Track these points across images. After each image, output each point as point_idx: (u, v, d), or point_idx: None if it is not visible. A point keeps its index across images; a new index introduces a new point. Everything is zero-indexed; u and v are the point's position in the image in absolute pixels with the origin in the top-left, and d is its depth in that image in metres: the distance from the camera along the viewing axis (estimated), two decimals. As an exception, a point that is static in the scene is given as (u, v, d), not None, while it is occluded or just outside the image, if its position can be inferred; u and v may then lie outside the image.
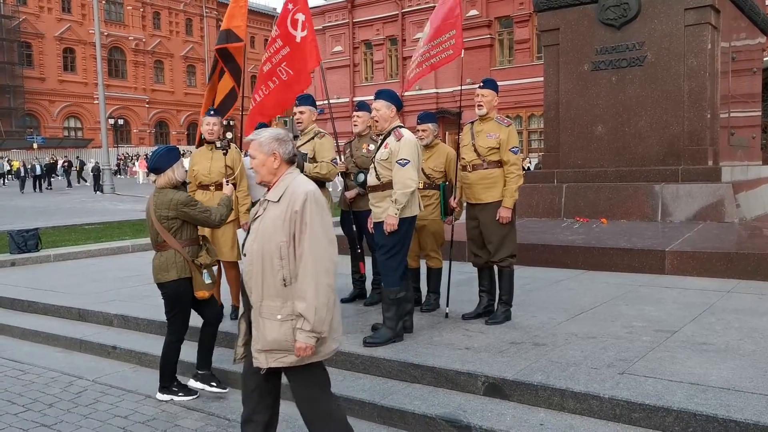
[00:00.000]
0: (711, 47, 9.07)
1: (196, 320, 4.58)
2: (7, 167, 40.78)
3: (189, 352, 4.70)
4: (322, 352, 2.92)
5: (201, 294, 4.35)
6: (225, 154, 5.47)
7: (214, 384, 4.48)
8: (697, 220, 8.60)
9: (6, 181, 39.64)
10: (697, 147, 9.09)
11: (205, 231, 5.52)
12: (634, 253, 7.17)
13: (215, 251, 4.59)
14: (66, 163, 39.53)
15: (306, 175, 5.02)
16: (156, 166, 4.21)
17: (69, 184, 36.97)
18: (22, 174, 33.41)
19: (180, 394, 4.48)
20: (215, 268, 4.71)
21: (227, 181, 5.04)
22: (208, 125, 5.59)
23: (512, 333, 4.81)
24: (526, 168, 24.29)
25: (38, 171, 34.35)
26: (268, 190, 2.98)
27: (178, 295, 4.32)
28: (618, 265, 7.20)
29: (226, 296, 5.88)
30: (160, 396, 4.49)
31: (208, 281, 4.40)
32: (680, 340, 4.47)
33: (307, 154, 5.11)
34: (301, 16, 6.11)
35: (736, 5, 10.13)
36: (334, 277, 2.88)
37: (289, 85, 6.27)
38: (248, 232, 3.00)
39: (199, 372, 4.53)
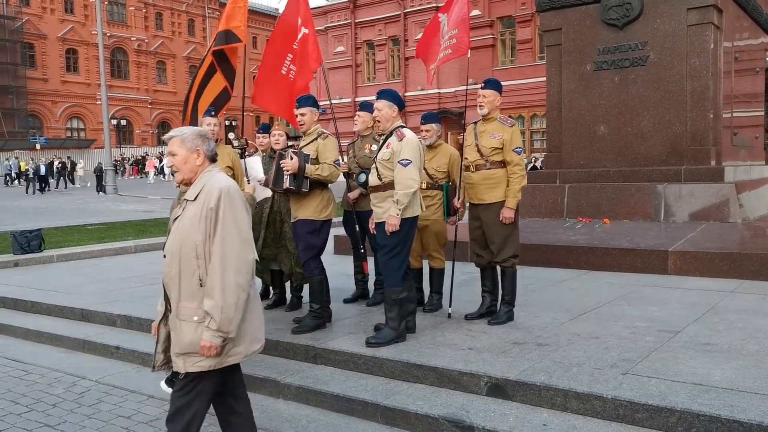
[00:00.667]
0: (714, 47, 9.06)
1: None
2: (17, 167, 40.70)
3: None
4: (240, 353, 2.88)
5: None
6: (242, 155, 5.44)
7: None
8: (700, 220, 8.58)
9: (20, 181, 39.47)
10: (700, 147, 9.07)
11: None
12: (636, 253, 7.16)
13: None
14: (60, 165, 38.86)
15: (307, 177, 5.05)
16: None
17: (57, 186, 36.20)
18: (30, 175, 33.01)
19: None
20: None
21: (248, 180, 4.99)
22: (209, 126, 5.58)
23: (515, 333, 4.81)
24: (538, 167, 24.24)
25: (42, 171, 34.04)
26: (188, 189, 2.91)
27: None
28: (621, 265, 7.19)
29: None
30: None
31: None
32: (683, 341, 4.47)
33: (309, 155, 5.11)
34: (298, 19, 6.16)
35: (738, 5, 10.12)
36: (247, 276, 2.81)
37: (293, 84, 6.27)
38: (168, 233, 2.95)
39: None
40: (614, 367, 3.93)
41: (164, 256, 2.89)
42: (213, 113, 5.71)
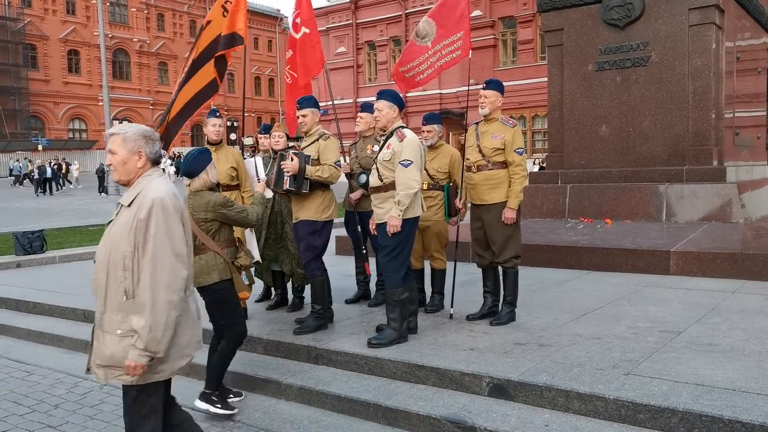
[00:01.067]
0: (715, 47, 9.05)
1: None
2: (26, 168, 40.52)
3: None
4: (165, 370, 2.76)
5: (244, 295, 4.26)
6: (252, 155, 5.41)
7: (220, 405, 4.23)
8: (702, 220, 8.58)
9: (28, 182, 39.23)
10: (702, 147, 9.07)
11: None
12: (638, 254, 7.16)
13: (251, 252, 4.47)
14: (56, 166, 37.81)
15: (308, 178, 5.05)
16: (190, 170, 4.10)
17: (50, 188, 34.77)
18: (36, 176, 32.50)
19: (218, 405, 4.23)
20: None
21: (259, 179, 4.99)
22: (214, 126, 5.60)
23: (517, 334, 4.81)
24: (542, 167, 24.17)
25: (49, 173, 33.54)
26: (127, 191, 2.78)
27: (225, 297, 4.17)
28: (622, 265, 7.18)
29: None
30: (198, 403, 4.22)
31: (246, 282, 4.31)
32: (685, 341, 4.46)
33: (310, 156, 5.11)
34: (298, 19, 6.16)
35: (740, 5, 10.11)
36: (180, 293, 2.69)
37: (295, 87, 6.29)
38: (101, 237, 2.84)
39: (206, 391, 4.27)
40: (616, 368, 3.92)
41: (94, 261, 2.78)
42: (218, 114, 5.71)
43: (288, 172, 5.02)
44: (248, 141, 5.59)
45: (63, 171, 38.14)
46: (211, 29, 5.97)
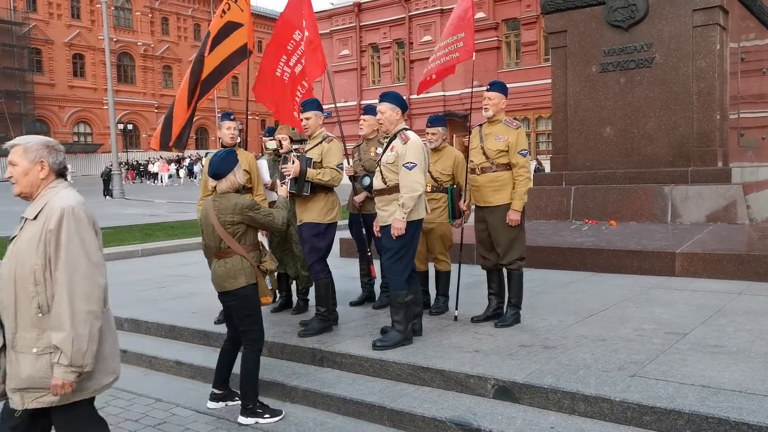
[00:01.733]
0: (720, 48, 9.03)
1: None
2: None
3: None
4: (89, 388, 2.63)
5: (266, 300, 4.20)
6: (277, 160, 5.36)
7: (268, 415, 4.13)
8: (707, 221, 8.55)
9: None
10: (707, 148, 9.04)
11: None
12: (643, 255, 7.14)
13: (273, 256, 4.39)
14: None
15: (308, 181, 5.06)
16: (218, 171, 4.03)
17: None
18: None
19: (266, 415, 4.12)
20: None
21: (282, 183, 4.99)
22: (229, 129, 5.57)
23: (522, 336, 4.80)
24: (538, 168, 24.19)
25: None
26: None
27: (250, 302, 4.09)
28: (628, 267, 7.17)
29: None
30: (242, 419, 4.11)
31: (269, 287, 4.26)
32: (691, 343, 4.45)
33: (312, 158, 5.12)
34: (297, 22, 6.15)
35: (744, 6, 10.09)
36: (99, 303, 2.58)
37: (282, 85, 6.27)
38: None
39: (248, 406, 4.13)
40: (622, 370, 3.91)
41: None
42: (232, 117, 5.69)
43: (289, 175, 5.04)
44: (272, 145, 5.56)
45: None
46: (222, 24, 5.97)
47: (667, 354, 4.20)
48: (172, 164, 45.60)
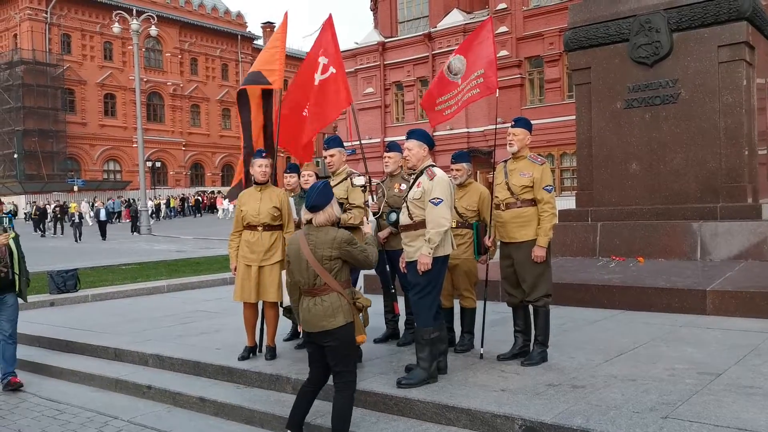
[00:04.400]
0: (746, 83, 8.97)
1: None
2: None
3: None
4: None
5: (361, 338, 4.09)
6: (364, 190, 5.39)
7: None
8: (738, 258, 8.38)
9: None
10: (736, 184, 8.92)
11: (252, 270, 5.54)
12: (673, 293, 7.00)
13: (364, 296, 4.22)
14: (57, 209, 34.72)
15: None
16: (316, 203, 3.88)
17: (54, 232, 32.89)
18: (77, 220, 28.43)
19: None
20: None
21: (368, 220, 4.98)
22: (261, 167, 5.65)
23: (549, 374, 4.71)
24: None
25: (103, 216, 30.17)
26: None
27: (350, 341, 3.92)
28: (657, 304, 7.03)
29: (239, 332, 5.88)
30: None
31: (363, 324, 4.14)
32: (725, 383, 4.32)
33: (342, 203, 5.16)
34: (323, 60, 6.15)
35: (770, 41, 10.04)
36: None
37: (304, 123, 6.35)
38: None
39: None
40: (654, 411, 3.81)
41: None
42: (264, 154, 5.77)
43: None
44: (360, 181, 5.51)
45: (58, 213, 34.59)
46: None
47: (701, 395, 4.09)
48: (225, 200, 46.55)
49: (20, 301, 6.37)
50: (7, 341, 6.19)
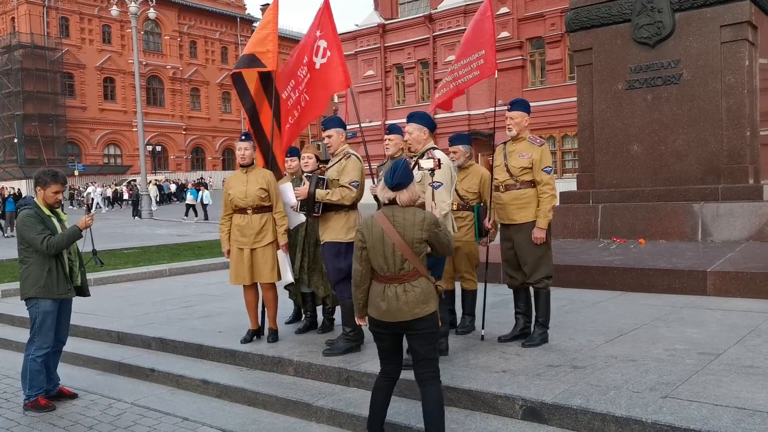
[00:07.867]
0: (749, 64, 8.91)
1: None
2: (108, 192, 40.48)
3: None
4: None
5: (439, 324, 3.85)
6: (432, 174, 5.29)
7: None
8: (739, 239, 8.39)
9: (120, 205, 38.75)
10: (737, 165, 8.90)
11: (244, 253, 5.56)
12: (674, 274, 7.02)
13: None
14: (12, 195, 29.47)
15: (318, 202, 5.07)
16: (401, 181, 3.57)
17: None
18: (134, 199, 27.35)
19: None
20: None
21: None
22: (239, 150, 5.70)
23: (550, 355, 4.73)
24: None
25: (190, 199, 28.79)
26: None
27: (438, 328, 3.64)
28: (657, 286, 7.05)
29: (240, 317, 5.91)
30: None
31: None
32: (725, 363, 4.34)
33: (324, 178, 5.13)
34: (323, 43, 6.05)
35: (773, 21, 9.96)
36: None
37: (307, 110, 6.31)
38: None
39: None
40: (653, 391, 3.83)
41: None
42: (243, 138, 5.78)
43: (298, 197, 5.08)
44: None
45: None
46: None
47: (700, 375, 4.11)
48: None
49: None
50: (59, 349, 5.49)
